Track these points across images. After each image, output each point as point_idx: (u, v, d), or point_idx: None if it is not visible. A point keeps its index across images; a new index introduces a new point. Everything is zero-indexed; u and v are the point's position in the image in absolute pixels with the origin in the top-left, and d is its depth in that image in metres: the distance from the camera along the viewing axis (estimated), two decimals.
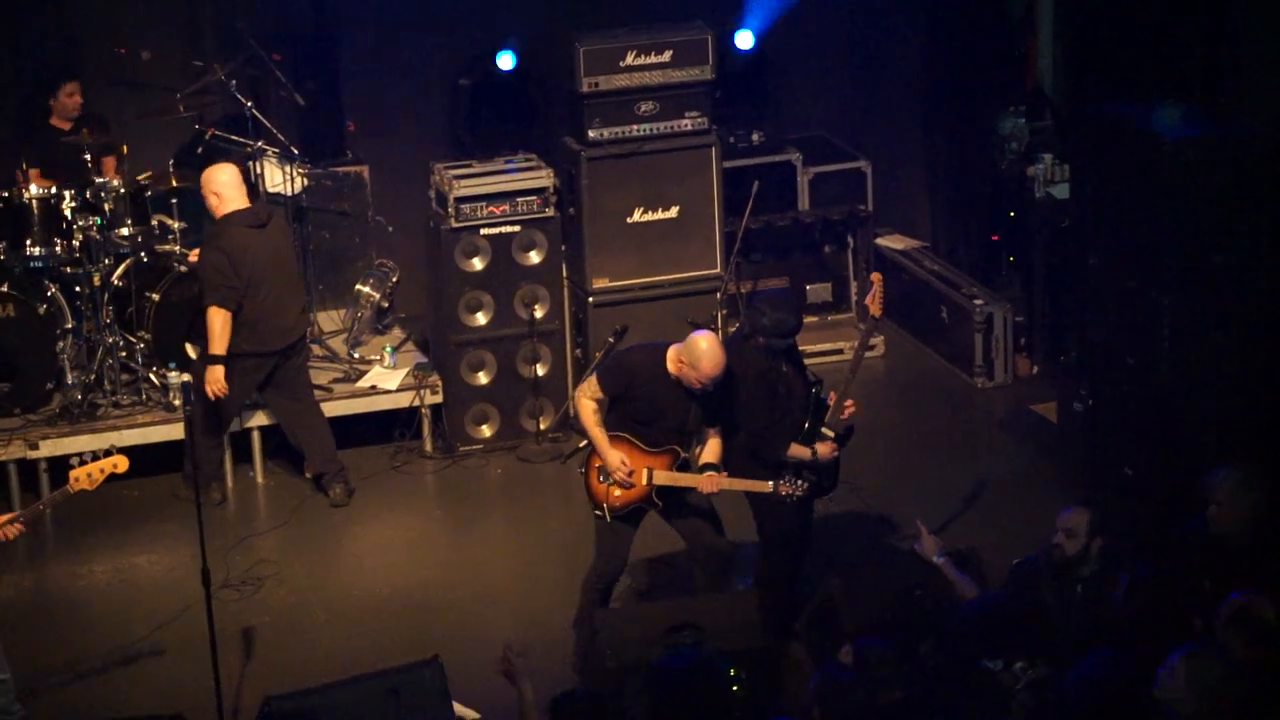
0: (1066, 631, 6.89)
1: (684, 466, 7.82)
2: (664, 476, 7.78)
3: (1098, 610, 7.14)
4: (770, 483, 7.75)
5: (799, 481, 7.73)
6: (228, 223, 9.34)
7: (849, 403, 7.96)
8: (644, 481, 7.78)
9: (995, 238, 11.49)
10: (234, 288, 9.20)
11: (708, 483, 7.77)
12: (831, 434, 7.94)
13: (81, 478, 7.41)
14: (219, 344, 9.24)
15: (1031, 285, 11.11)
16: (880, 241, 11.77)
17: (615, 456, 7.74)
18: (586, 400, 7.83)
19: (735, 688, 6.98)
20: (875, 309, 8.14)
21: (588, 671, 7.79)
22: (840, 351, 11.07)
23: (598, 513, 7.92)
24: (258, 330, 9.40)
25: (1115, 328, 8.76)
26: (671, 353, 7.70)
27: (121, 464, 7.49)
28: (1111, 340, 8.80)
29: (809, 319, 11.21)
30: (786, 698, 7.11)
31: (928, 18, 11.87)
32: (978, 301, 11.06)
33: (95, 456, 7.56)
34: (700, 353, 7.60)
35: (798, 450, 7.84)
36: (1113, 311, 8.79)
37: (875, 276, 8.25)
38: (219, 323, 9.24)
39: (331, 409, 10.06)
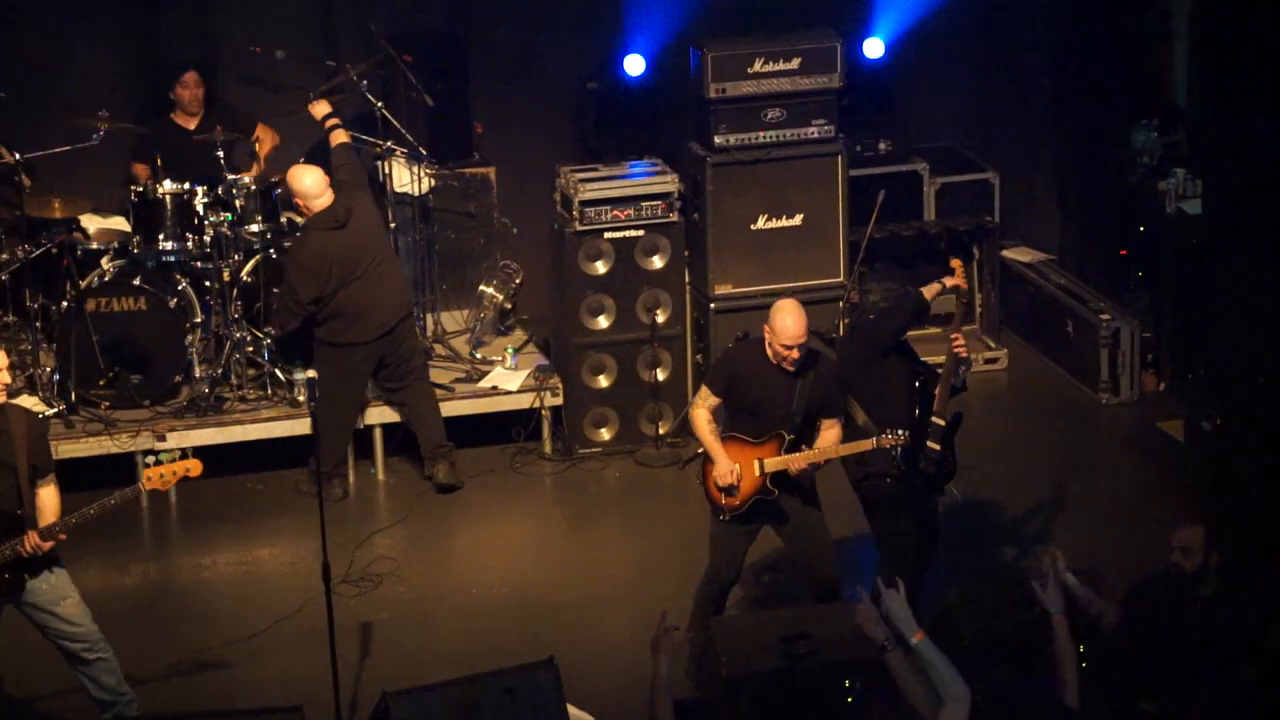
0: (1185, 654, 6.78)
1: (793, 449, 7.83)
2: (774, 462, 7.82)
3: (1217, 633, 7.02)
4: (872, 440, 7.78)
5: (900, 433, 7.74)
6: (309, 229, 9.57)
7: (957, 338, 8.05)
8: (757, 473, 7.80)
9: (1124, 252, 11.34)
10: (303, 304, 9.50)
11: (817, 455, 7.81)
12: (941, 423, 7.93)
13: (154, 478, 7.41)
14: (286, 330, 9.77)
15: (1160, 301, 10.96)
16: (1006, 253, 11.66)
17: (725, 466, 7.78)
18: (700, 410, 7.92)
19: (849, 699, 6.97)
20: (960, 282, 8.16)
21: (701, 678, 7.79)
22: None
23: (721, 517, 7.93)
24: (358, 321, 9.55)
25: (1245, 346, 8.62)
26: (765, 335, 7.76)
27: (195, 468, 7.46)
28: (1241, 359, 8.66)
29: (931, 330, 11.13)
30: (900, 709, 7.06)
31: (1060, 29, 11.75)
32: (1105, 316, 10.93)
33: (171, 458, 7.47)
34: (776, 316, 7.68)
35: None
36: (1243, 329, 8.65)
37: (955, 263, 8.34)
38: (287, 322, 9.68)
39: (452, 409, 10.14)
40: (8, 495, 7.20)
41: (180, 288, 10.15)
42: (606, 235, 10.30)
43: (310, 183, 9.52)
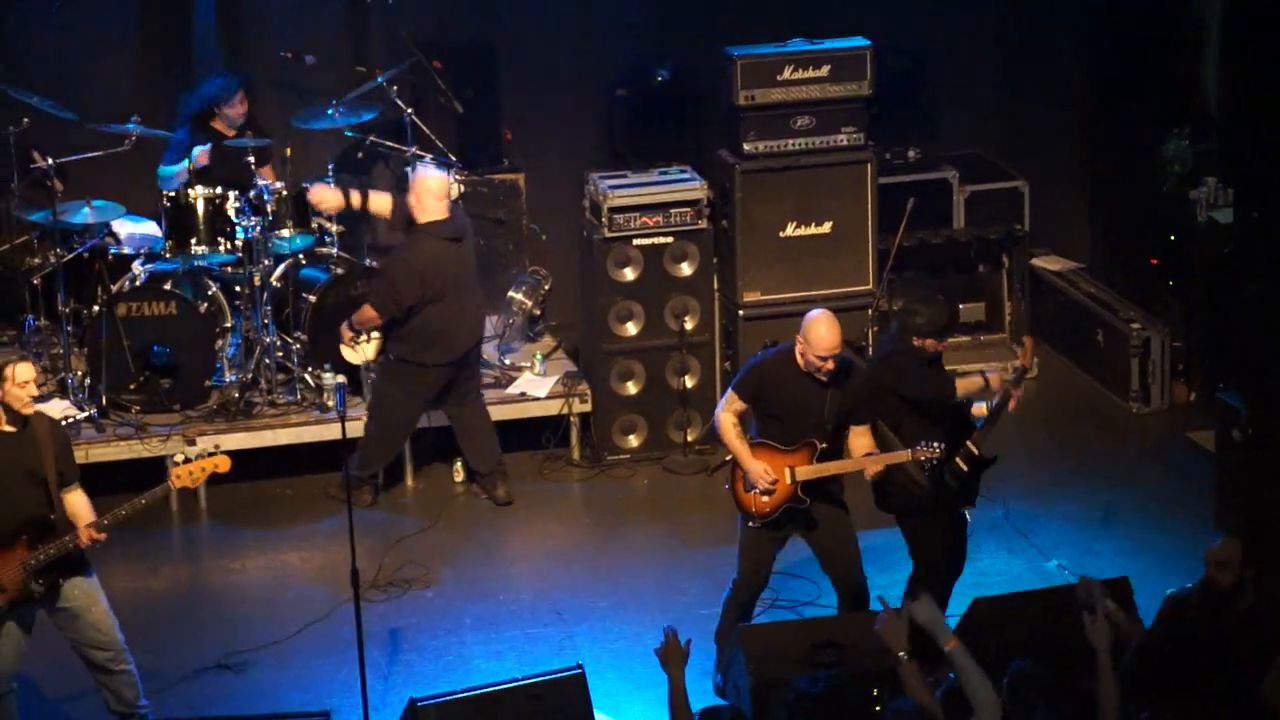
0: (1223, 669, 6.75)
1: (824, 457, 7.82)
2: (806, 470, 7.80)
3: (1255, 647, 6.97)
4: (908, 451, 7.75)
5: (935, 445, 7.73)
6: (425, 233, 9.44)
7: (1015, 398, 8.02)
8: (788, 480, 7.80)
9: (1155, 261, 11.29)
10: (400, 305, 9.38)
11: (850, 465, 7.80)
12: (975, 450, 7.90)
13: (183, 475, 7.46)
14: (363, 325, 9.58)
15: (1191, 310, 10.91)
16: (1036, 262, 11.62)
17: (758, 466, 7.78)
18: (726, 414, 7.91)
19: (877, 708, 6.95)
20: (1025, 360, 8.22)
21: (728, 686, 7.78)
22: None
23: (750, 523, 7.92)
24: (443, 341, 9.52)
25: (1277, 356, 8.56)
26: (796, 344, 7.73)
27: (223, 464, 7.51)
28: (1273, 368, 8.61)
29: (961, 339, 11.11)
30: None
31: (1091, 35, 11.71)
32: (1135, 326, 10.89)
33: (199, 455, 7.55)
34: (809, 326, 7.67)
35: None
36: (1275, 339, 8.60)
37: (1027, 339, 8.49)
38: (370, 317, 9.52)
39: None
40: (39, 501, 7.26)
41: (211, 292, 10.19)
42: (635, 242, 10.31)
43: (436, 185, 9.45)
